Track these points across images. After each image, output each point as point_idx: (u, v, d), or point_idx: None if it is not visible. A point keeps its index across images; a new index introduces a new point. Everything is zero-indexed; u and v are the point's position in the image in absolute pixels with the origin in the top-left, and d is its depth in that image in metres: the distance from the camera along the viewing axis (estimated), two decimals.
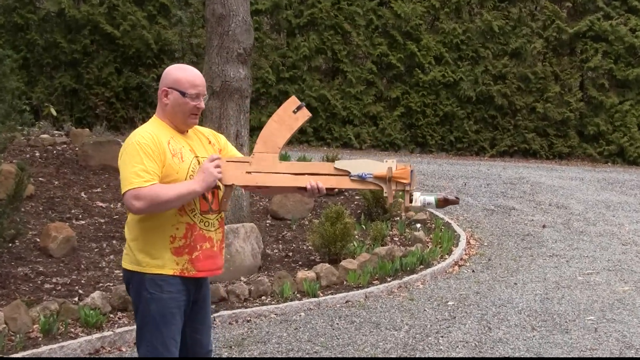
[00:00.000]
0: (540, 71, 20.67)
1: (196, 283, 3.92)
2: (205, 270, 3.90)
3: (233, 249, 8.09)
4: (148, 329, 3.81)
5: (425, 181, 14.53)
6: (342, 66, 20.37)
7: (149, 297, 3.78)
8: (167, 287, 3.79)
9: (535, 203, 13.16)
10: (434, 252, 9.38)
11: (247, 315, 7.24)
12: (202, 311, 4.04)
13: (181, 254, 3.80)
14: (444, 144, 20.60)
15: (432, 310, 7.60)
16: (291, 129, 3.93)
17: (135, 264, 3.81)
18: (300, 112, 3.94)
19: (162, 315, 3.79)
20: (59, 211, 9.19)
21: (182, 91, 3.83)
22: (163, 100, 3.87)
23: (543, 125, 20.58)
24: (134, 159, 3.70)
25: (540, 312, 7.58)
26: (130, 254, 3.83)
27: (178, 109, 3.85)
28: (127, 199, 3.67)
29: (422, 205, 3.86)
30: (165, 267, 3.77)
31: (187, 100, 3.83)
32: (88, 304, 6.77)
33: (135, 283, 3.83)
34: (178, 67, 3.94)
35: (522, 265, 9.40)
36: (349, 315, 7.39)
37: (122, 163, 3.74)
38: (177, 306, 3.82)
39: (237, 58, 8.84)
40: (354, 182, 3.88)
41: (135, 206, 3.65)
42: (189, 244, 3.81)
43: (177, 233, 3.79)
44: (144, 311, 3.81)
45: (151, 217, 3.75)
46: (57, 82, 18.21)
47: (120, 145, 11.24)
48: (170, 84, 3.85)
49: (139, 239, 3.80)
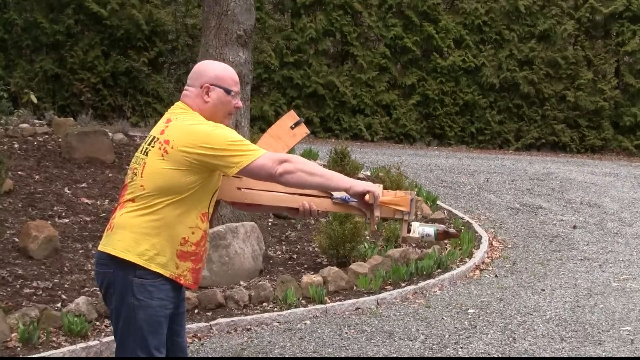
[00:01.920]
0: (571, 56, 20.64)
1: (180, 288, 3.94)
2: (197, 282, 3.98)
3: (232, 251, 8.10)
4: (133, 339, 3.80)
5: (443, 177, 14.53)
6: (352, 50, 20.36)
7: (137, 304, 3.76)
8: (157, 294, 3.78)
9: (564, 201, 13.13)
10: (452, 254, 9.37)
11: (247, 323, 7.24)
12: (180, 312, 4.07)
13: (185, 260, 3.82)
14: (464, 136, 20.59)
15: (451, 318, 7.60)
16: (287, 146, 3.97)
17: (132, 252, 3.74)
18: (298, 129, 3.97)
19: (149, 324, 3.78)
20: (40, 208, 9.19)
21: (226, 89, 3.89)
22: (204, 98, 3.88)
23: (574, 116, 20.56)
24: (232, 133, 3.79)
25: (571, 321, 7.57)
26: (128, 240, 3.76)
27: (221, 108, 3.90)
28: (264, 164, 3.69)
29: (420, 237, 3.88)
30: (166, 267, 3.78)
31: (230, 98, 3.91)
32: (72, 311, 6.78)
33: (119, 286, 3.80)
34: (215, 63, 4.03)
35: (551, 270, 9.39)
36: (359, 324, 7.39)
37: (217, 135, 3.72)
38: (165, 315, 3.83)
39: (237, 40, 8.83)
40: (336, 206, 3.92)
41: (282, 168, 3.68)
42: (197, 252, 3.86)
43: (191, 237, 3.81)
44: (128, 319, 3.79)
45: (174, 210, 3.75)
46: (37, 66, 18.20)
47: (107, 136, 11.31)
48: (213, 80, 3.89)
49: (147, 227, 3.76)
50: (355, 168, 11.71)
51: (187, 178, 3.72)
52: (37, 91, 16.73)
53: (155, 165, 3.75)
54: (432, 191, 12.45)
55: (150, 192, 3.75)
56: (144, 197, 3.77)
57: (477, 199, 12.99)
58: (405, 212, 3.84)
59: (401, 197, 3.85)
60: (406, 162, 15.35)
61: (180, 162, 3.71)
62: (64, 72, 18.27)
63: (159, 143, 3.77)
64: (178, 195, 3.74)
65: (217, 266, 7.96)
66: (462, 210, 11.95)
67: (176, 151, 3.71)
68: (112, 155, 11.20)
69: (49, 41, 18.30)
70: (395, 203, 3.83)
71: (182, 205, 3.76)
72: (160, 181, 3.73)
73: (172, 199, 3.74)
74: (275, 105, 19.53)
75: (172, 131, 3.77)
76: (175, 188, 3.73)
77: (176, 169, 3.71)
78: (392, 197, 3.86)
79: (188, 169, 3.71)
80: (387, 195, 3.86)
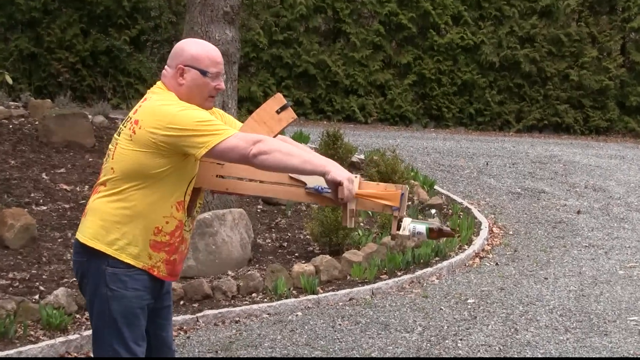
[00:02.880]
0: (575, 32, 20.64)
1: (161, 282, 3.92)
2: (173, 275, 3.93)
3: (219, 239, 8.08)
4: (108, 332, 3.78)
5: (440, 160, 14.54)
6: (344, 27, 20.32)
7: (110, 294, 3.74)
8: (132, 284, 3.76)
9: (568, 185, 13.16)
10: (451, 242, 9.38)
11: (235, 315, 7.24)
12: (165, 306, 4.05)
13: (159, 250, 3.79)
14: (462, 118, 20.61)
15: (450, 309, 7.60)
16: (272, 131, 3.89)
17: (101, 241, 3.73)
18: (284, 113, 3.90)
19: (124, 315, 3.76)
20: (16, 195, 9.16)
21: (202, 70, 3.80)
22: (178, 80, 3.82)
23: (578, 96, 20.58)
24: (202, 113, 3.72)
25: (575, 311, 7.58)
26: (97, 228, 3.76)
27: (196, 91, 3.82)
28: (237, 144, 3.62)
29: (410, 234, 3.82)
30: (138, 258, 3.75)
31: (208, 80, 3.82)
32: (50, 303, 6.76)
33: (92, 276, 3.78)
34: (194, 42, 3.93)
35: (554, 257, 9.41)
36: (353, 315, 7.39)
37: (184, 116, 3.65)
38: (141, 306, 3.80)
39: (223, 17, 8.80)
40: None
41: (256, 149, 3.60)
42: (172, 243, 3.82)
43: (165, 227, 3.78)
44: (101, 310, 3.78)
45: (146, 197, 3.72)
46: (12, 45, 18.14)
47: (87, 118, 11.27)
48: (188, 60, 3.81)
49: (117, 215, 3.74)
50: (349, 151, 11.68)
51: (154, 161, 3.66)
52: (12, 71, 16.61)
53: (124, 146, 3.71)
54: (429, 175, 12.45)
55: (119, 175, 3.72)
56: (114, 180, 3.74)
57: (477, 184, 13.00)
58: (395, 207, 3.80)
59: (391, 191, 3.81)
60: (402, 145, 15.35)
61: (147, 144, 3.65)
62: (41, 51, 18.20)
63: (130, 123, 3.73)
64: (147, 181, 3.70)
65: (203, 255, 7.94)
66: (460, 195, 11.96)
67: (143, 131, 3.66)
68: (92, 139, 11.16)
69: (25, 18, 18.22)
70: (384, 197, 3.80)
71: (154, 192, 3.72)
72: (126, 164, 3.70)
73: (140, 184, 3.70)
74: (264, 85, 19.50)
75: (143, 111, 3.74)
76: (142, 172, 3.68)
77: (142, 151, 3.67)
78: (382, 190, 3.82)
79: (155, 151, 3.65)
80: (374, 189, 3.83)
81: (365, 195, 3.78)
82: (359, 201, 3.80)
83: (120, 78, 18.29)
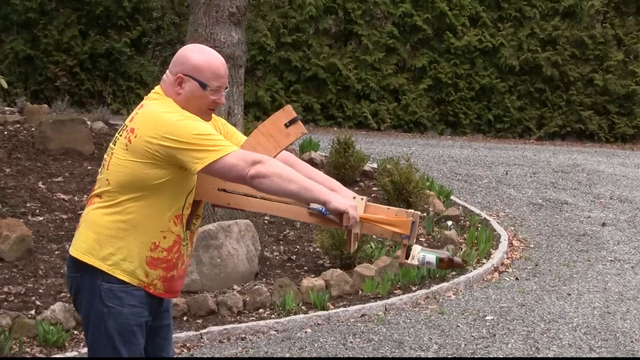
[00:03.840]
0: (600, 34, 20.62)
1: (160, 299, 3.91)
2: (172, 292, 3.92)
3: (224, 251, 8.09)
4: (104, 350, 3.77)
5: (457, 169, 14.53)
6: (356, 29, 20.34)
7: (106, 311, 3.73)
8: (129, 300, 3.75)
9: (592, 196, 13.13)
10: (468, 255, 9.37)
11: (241, 331, 7.25)
12: (164, 324, 4.03)
13: (156, 267, 3.77)
14: (480, 124, 20.59)
15: (467, 326, 7.60)
16: (279, 146, 3.87)
17: (94, 256, 3.72)
18: (293, 127, 3.87)
19: (121, 333, 3.75)
20: (12, 205, 9.19)
21: (202, 82, 3.76)
22: (176, 89, 3.79)
23: (602, 101, 20.55)
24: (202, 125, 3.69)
25: (600, 329, 7.57)
26: (91, 242, 3.75)
27: (194, 102, 3.78)
28: (235, 164, 3.61)
29: (419, 264, 3.84)
30: (132, 275, 3.73)
31: (207, 94, 3.78)
32: (47, 318, 6.78)
33: (87, 291, 3.77)
34: (198, 50, 3.86)
35: (577, 272, 9.39)
36: (365, 332, 7.39)
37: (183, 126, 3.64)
38: (139, 323, 3.79)
39: (229, 18, 8.82)
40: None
41: (254, 170, 3.59)
42: (170, 259, 3.80)
43: (162, 243, 3.76)
44: (96, 328, 3.77)
45: (143, 210, 3.71)
46: (7, 47, 18.20)
47: (85, 125, 11.30)
48: (188, 70, 3.77)
49: (112, 228, 3.73)
50: (360, 160, 11.69)
51: (151, 172, 3.65)
52: (7, 75, 16.71)
53: (119, 156, 3.71)
54: (445, 185, 12.45)
55: (114, 187, 3.72)
56: (110, 192, 3.73)
57: (495, 194, 12.98)
58: (404, 236, 3.81)
59: (401, 217, 3.81)
60: (417, 153, 15.35)
61: (143, 154, 3.64)
62: (37, 53, 18.26)
63: (126, 131, 3.72)
64: (144, 192, 3.68)
65: (208, 269, 7.95)
66: (478, 206, 11.95)
67: (139, 141, 3.64)
68: (91, 145, 11.19)
69: (20, 19, 18.28)
70: (393, 224, 3.81)
71: (151, 205, 3.70)
72: (122, 175, 3.69)
73: (137, 196, 3.69)
74: (272, 90, 19.52)
75: (139, 118, 3.72)
76: (138, 183, 3.67)
77: (138, 162, 3.65)
78: (392, 216, 3.83)
79: (151, 162, 3.64)
80: (384, 213, 3.84)
81: (373, 220, 3.80)
82: (367, 226, 3.83)
83: (121, 82, 18.31)
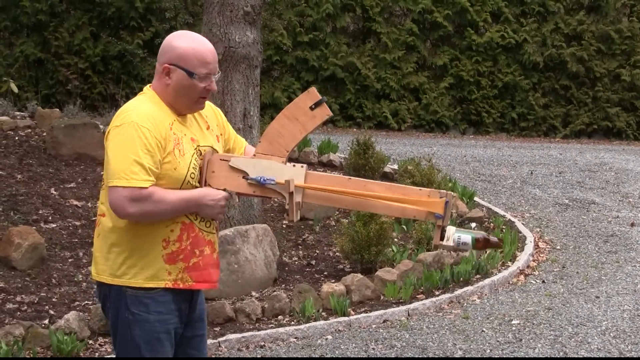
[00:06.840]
0: (626, 28, 20.56)
1: (190, 299, 3.91)
2: (204, 281, 3.90)
3: (242, 257, 8.10)
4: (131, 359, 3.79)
5: (480, 169, 14.51)
6: (374, 26, 20.34)
7: (131, 318, 3.75)
8: (155, 307, 3.76)
9: (620, 195, 13.09)
10: (493, 258, 9.36)
11: (260, 339, 7.25)
12: (197, 335, 4.02)
13: (174, 261, 3.77)
14: (504, 123, 20.55)
15: (492, 331, 7.59)
16: (305, 129, 3.89)
17: (113, 275, 3.76)
18: (319, 109, 3.88)
19: (147, 341, 3.76)
20: (24, 212, 9.23)
21: (189, 70, 3.75)
22: (164, 80, 3.81)
23: (630, 97, 20.49)
24: (132, 144, 3.66)
25: (630, 332, 7.55)
26: (106, 263, 3.78)
27: (183, 92, 3.79)
28: (117, 198, 3.63)
29: (455, 245, 3.84)
30: (156, 278, 3.75)
31: (195, 82, 3.77)
32: (61, 328, 6.80)
33: (114, 300, 3.80)
34: (183, 37, 3.83)
35: (606, 274, 9.36)
36: (387, 338, 7.39)
37: (113, 146, 3.71)
38: (166, 330, 3.79)
39: (244, 18, 8.84)
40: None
41: (127, 210, 3.62)
42: (185, 248, 3.80)
43: (170, 236, 3.77)
44: (124, 336, 3.78)
45: None
46: (17, 50, 18.25)
47: (98, 129, 11.33)
48: (174, 59, 3.77)
49: (121, 244, 3.75)
50: (381, 161, 11.69)
51: None
52: (17, 79, 16.77)
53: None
54: (468, 186, 12.43)
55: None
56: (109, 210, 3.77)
57: (520, 194, 12.96)
58: (438, 215, 3.81)
59: (436, 200, 3.82)
60: (438, 154, 15.34)
61: None
62: (48, 56, 18.31)
63: None
64: None
65: (225, 275, 7.96)
66: (503, 207, 11.93)
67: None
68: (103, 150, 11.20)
69: (30, 22, 18.33)
70: (426, 204, 3.81)
71: None
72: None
73: None
74: (288, 90, 19.53)
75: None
76: None
77: None
78: (425, 197, 3.84)
79: None
80: (416, 195, 3.85)
81: (413, 201, 3.83)
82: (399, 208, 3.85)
83: (134, 85, 18.32)
